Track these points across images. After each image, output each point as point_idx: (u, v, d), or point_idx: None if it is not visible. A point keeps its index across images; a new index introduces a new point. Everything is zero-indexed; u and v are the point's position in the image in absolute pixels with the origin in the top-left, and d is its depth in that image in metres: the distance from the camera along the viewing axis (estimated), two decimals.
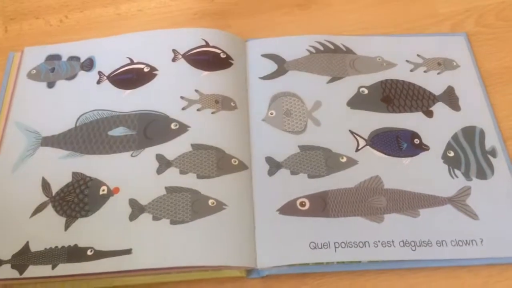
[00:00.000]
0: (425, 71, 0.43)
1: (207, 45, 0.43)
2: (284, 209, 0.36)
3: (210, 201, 0.36)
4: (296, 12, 0.48)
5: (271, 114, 0.40)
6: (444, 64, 0.43)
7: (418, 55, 0.44)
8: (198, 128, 0.39)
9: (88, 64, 0.43)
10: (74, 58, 0.44)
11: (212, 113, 0.40)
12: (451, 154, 0.38)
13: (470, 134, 0.39)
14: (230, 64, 0.43)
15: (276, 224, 0.35)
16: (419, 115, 0.40)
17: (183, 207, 0.35)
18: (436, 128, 0.40)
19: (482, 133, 0.39)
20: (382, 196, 0.36)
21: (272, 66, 0.43)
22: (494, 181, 0.37)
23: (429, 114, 0.41)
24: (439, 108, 0.41)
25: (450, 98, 0.41)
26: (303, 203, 0.36)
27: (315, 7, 0.48)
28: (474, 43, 0.45)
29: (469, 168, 0.38)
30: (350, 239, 0.34)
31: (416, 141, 0.39)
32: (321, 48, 0.44)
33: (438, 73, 0.43)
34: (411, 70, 0.43)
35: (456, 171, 0.38)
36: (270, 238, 0.35)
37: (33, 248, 0.35)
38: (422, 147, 0.39)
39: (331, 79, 0.42)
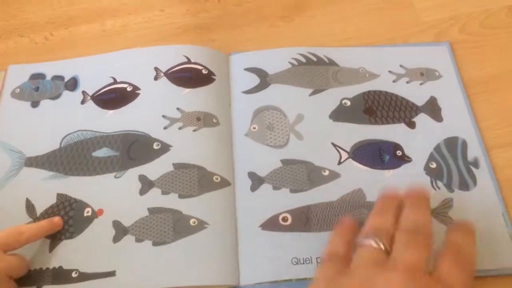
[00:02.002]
0: (407, 82, 0.43)
1: (189, 61, 0.43)
2: (267, 224, 0.36)
3: (191, 221, 0.36)
4: (280, 24, 0.48)
5: (254, 128, 0.40)
6: (426, 75, 0.43)
7: (400, 66, 0.44)
8: (180, 147, 0.39)
9: (72, 84, 0.44)
10: (58, 78, 0.44)
11: (194, 130, 0.40)
12: (433, 165, 0.38)
13: (453, 145, 0.39)
14: (212, 80, 0.43)
15: (259, 240, 0.35)
16: (401, 127, 0.41)
17: (165, 228, 0.36)
18: (419, 139, 0.40)
19: (464, 143, 0.39)
20: (365, 209, 0.36)
21: (255, 80, 0.43)
22: (476, 192, 0.37)
23: (412, 125, 0.41)
24: (421, 119, 0.41)
25: (433, 108, 0.41)
26: (286, 218, 0.36)
27: (299, 19, 0.48)
28: (459, 52, 0.45)
29: (451, 179, 0.38)
30: None
31: (398, 153, 0.39)
32: (304, 60, 0.44)
33: (421, 84, 0.43)
34: (394, 81, 0.43)
35: (439, 183, 0.38)
36: (253, 255, 0.35)
37: None
38: (404, 159, 0.39)
39: (313, 91, 0.42)
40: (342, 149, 0.39)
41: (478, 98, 0.42)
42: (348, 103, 0.41)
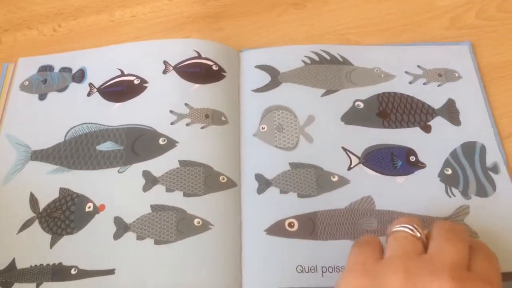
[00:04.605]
0: (424, 83, 0.41)
1: (199, 56, 0.42)
2: (272, 229, 0.35)
3: (195, 221, 0.35)
4: (291, 11, 0.47)
5: (263, 128, 0.39)
6: (445, 76, 0.41)
7: (418, 66, 0.42)
8: (187, 144, 0.38)
9: (79, 76, 0.43)
10: (66, 69, 0.44)
11: (202, 128, 0.39)
12: (449, 172, 0.37)
13: (470, 150, 0.38)
14: (222, 77, 0.41)
15: (263, 246, 0.34)
16: (416, 130, 0.39)
17: (168, 226, 0.35)
18: (434, 144, 0.38)
19: (483, 148, 0.38)
20: (373, 218, 0.35)
21: (265, 78, 0.42)
22: (495, 198, 0.35)
23: (427, 129, 0.39)
24: (437, 123, 0.39)
25: (450, 112, 0.40)
26: (292, 224, 0.35)
27: (310, 5, 0.47)
28: (475, 37, 0.43)
29: (468, 186, 0.36)
30: (338, 264, 0.33)
31: (412, 158, 0.37)
32: (317, 58, 0.42)
33: (439, 85, 0.41)
34: (410, 82, 0.41)
35: (454, 190, 0.36)
36: (257, 260, 0.34)
37: (19, 265, 0.34)
38: (418, 165, 0.37)
39: (325, 92, 0.41)
40: (353, 153, 0.38)
41: (494, 84, 0.41)
42: (361, 105, 0.40)
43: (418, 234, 0.27)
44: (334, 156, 0.37)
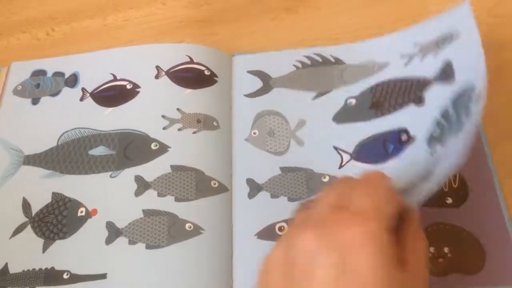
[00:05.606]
0: (421, 59, 0.39)
1: (191, 61, 0.42)
2: (263, 233, 0.35)
3: (187, 225, 0.35)
4: (284, 17, 0.47)
5: (254, 133, 0.39)
6: (442, 41, 0.38)
7: (414, 44, 0.39)
8: (178, 149, 0.38)
9: (72, 80, 0.43)
10: (59, 74, 0.44)
11: (193, 133, 0.39)
12: (437, 132, 0.34)
13: (461, 101, 0.33)
14: (214, 82, 0.42)
15: (254, 250, 0.35)
16: (409, 108, 0.37)
17: (160, 231, 0.35)
18: (426, 112, 0.36)
19: (471, 90, 0.32)
20: None
21: (257, 83, 0.42)
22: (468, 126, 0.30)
23: (420, 101, 0.37)
24: (432, 90, 0.37)
25: (446, 74, 0.37)
26: (282, 228, 0.35)
27: (303, 10, 0.47)
28: None
29: (451, 133, 0.32)
30: None
31: (404, 137, 0.36)
32: (308, 62, 0.43)
33: (435, 54, 0.38)
34: (406, 64, 0.39)
35: (437, 147, 0.33)
36: (247, 264, 0.34)
37: (12, 270, 0.35)
38: (408, 141, 0.36)
39: (316, 94, 0.41)
40: (343, 151, 0.38)
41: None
42: (354, 102, 0.40)
43: None
44: (325, 156, 0.37)
